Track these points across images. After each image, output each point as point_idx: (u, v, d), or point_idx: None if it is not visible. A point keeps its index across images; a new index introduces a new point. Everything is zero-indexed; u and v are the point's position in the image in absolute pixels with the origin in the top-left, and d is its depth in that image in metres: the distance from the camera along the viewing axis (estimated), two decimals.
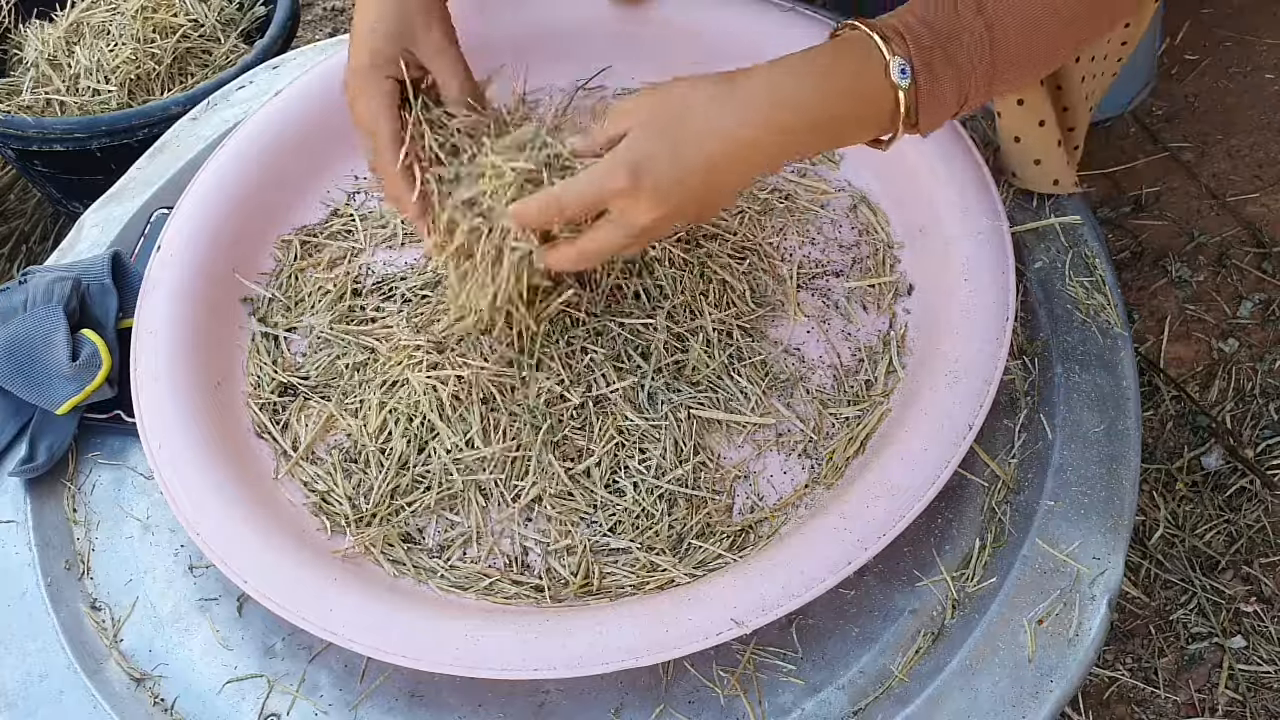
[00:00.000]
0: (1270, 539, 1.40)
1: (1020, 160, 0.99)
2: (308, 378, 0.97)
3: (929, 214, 0.97)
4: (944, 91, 0.77)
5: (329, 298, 1.01)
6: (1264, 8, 1.92)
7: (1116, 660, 1.34)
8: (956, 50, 0.76)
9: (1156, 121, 1.81)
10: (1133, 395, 0.90)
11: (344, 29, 2.31)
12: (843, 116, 0.78)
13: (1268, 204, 1.69)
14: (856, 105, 0.77)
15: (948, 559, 0.85)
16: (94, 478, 0.96)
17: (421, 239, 0.87)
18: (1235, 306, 1.60)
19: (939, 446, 0.82)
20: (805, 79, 0.76)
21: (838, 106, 0.77)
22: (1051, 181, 1.00)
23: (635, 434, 0.90)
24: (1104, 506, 0.85)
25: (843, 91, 0.77)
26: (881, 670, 0.81)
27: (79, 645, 0.86)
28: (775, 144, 0.77)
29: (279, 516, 0.88)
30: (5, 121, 1.58)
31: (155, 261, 0.99)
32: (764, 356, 0.94)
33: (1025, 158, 0.99)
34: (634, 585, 0.84)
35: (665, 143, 0.75)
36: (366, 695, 0.83)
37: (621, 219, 0.78)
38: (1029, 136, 0.97)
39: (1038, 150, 0.98)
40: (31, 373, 0.96)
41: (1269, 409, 1.50)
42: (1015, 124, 0.97)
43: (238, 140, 1.06)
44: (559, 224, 0.80)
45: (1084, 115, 0.99)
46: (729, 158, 0.76)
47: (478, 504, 0.89)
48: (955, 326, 0.88)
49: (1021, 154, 0.99)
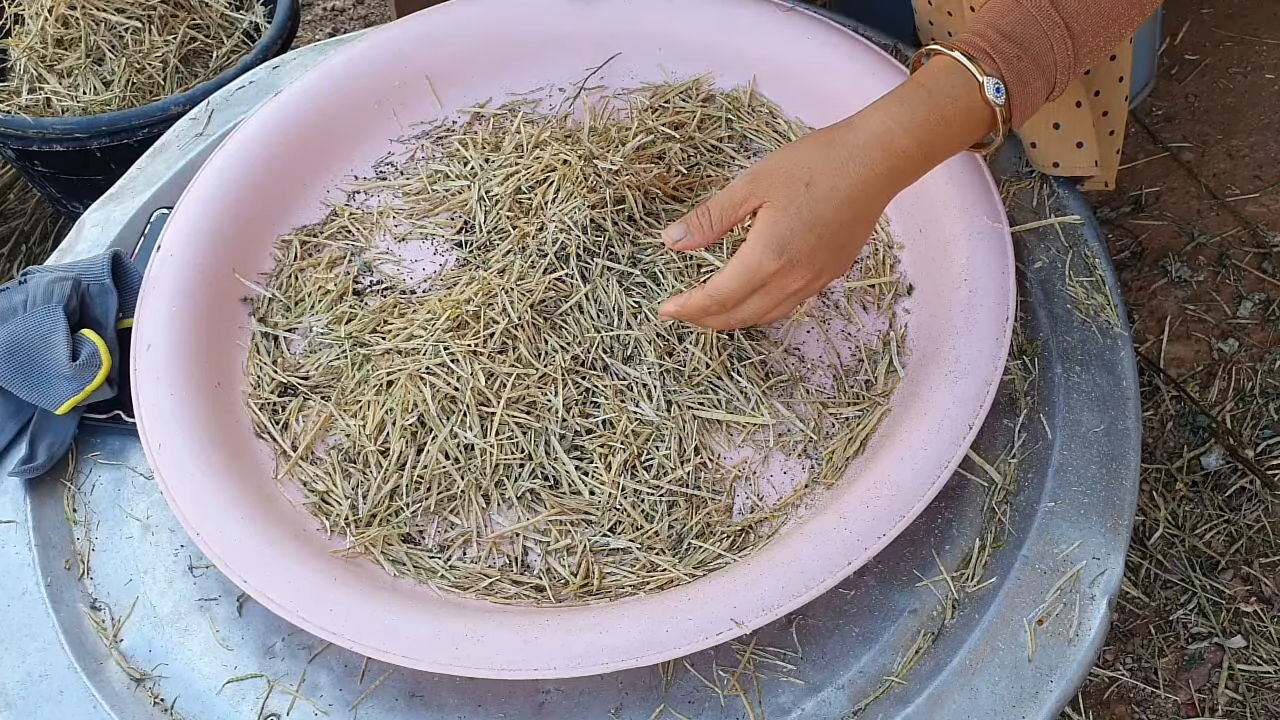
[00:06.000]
0: (1270, 539, 1.40)
1: (1063, 147, 1.00)
2: (307, 378, 0.97)
3: (929, 214, 0.97)
4: (1035, 93, 0.81)
5: (329, 298, 1.01)
6: (1264, 8, 1.92)
7: (1116, 660, 1.34)
8: (1042, 54, 0.80)
9: (1156, 121, 1.81)
10: (1133, 395, 0.90)
11: (344, 29, 2.31)
12: (948, 139, 0.82)
13: (1268, 204, 1.69)
14: (959, 127, 0.81)
15: (948, 559, 0.85)
16: (94, 478, 0.96)
17: (426, 234, 0.87)
18: (1235, 306, 1.60)
19: (939, 446, 0.82)
20: (909, 117, 0.80)
21: (943, 135, 0.81)
22: (1093, 162, 1.00)
23: (641, 435, 0.89)
24: (1104, 506, 0.85)
25: (945, 120, 0.81)
26: (881, 670, 0.81)
27: (79, 645, 0.86)
28: (895, 178, 0.82)
29: (279, 516, 0.88)
30: (5, 121, 1.58)
31: (155, 261, 0.99)
32: (764, 356, 0.94)
33: (1068, 142, 0.99)
34: (634, 585, 0.84)
35: (801, 217, 0.79)
36: (366, 695, 0.83)
37: (773, 288, 0.82)
38: (1067, 119, 0.98)
39: (1079, 132, 0.99)
40: (31, 373, 0.96)
41: (1269, 409, 1.50)
42: (1053, 111, 0.98)
43: (238, 140, 1.06)
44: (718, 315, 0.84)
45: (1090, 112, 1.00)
46: (857, 212, 0.81)
47: (478, 504, 0.89)
48: (955, 326, 0.88)
49: (1064, 139, 0.99)
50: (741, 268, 0.81)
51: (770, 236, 0.79)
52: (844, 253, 0.83)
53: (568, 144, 1.04)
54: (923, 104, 0.80)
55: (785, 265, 0.80)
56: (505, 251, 0.98)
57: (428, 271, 1.03)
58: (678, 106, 1.09)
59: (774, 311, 0.84)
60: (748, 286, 0.81)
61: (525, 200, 1.01)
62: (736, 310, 0.83)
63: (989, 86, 0.79)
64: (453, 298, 0.96)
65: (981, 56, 0.80)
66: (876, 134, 0.80)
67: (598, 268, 0.95)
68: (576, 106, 1.12)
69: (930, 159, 0.82)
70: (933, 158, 0.82)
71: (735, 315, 0.84)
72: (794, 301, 0.84)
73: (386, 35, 1.13)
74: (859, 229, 0.83)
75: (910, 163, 0.81)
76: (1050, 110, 0.98)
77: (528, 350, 0.92)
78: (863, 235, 0.84)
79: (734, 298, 0.82)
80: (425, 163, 1.10)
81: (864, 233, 0.84)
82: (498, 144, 1.08)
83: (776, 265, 0.80)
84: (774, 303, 0.83)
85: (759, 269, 0.80)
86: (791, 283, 0.81)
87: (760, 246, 0.80)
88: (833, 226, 0.80)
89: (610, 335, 0.93)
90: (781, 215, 0.79)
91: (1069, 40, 0.80)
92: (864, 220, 0.82)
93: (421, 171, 1.09)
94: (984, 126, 0.82)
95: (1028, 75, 0.80)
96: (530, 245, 0.97)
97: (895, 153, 0.80)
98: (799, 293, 0.83)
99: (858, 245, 0.85)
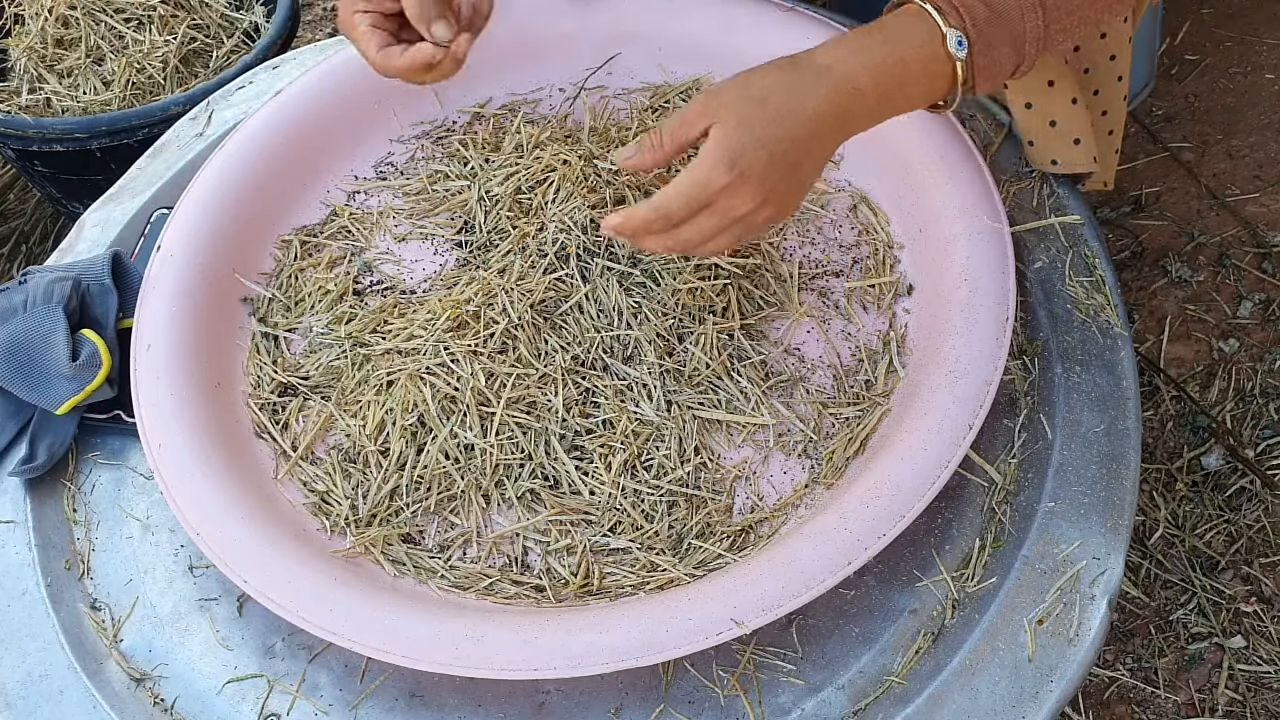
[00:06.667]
0: (1270, 539, 1.40)
1: (1060, 144, 1.00)
2: (307, 378, 0.97)
3: (929, 214, 0.97)
4: (1000, 58, 0.81)
5: (329, 298, 1.01)
6: (1264, 8, 1.92)
7: (1116, 660, 1.34)
8: (1012, 20, 0.80)
9: (1156, 121, 1.81)
10: (1133, 395, 0.90)
11: None
12: (905, 85, 0.81)
13: (1268, 204, 1.69)
14: (917, 75, 0.80)
15: (948, 559, 0.85)
16: (94, 478, 0.96)
17: (426, 234, 0.87)
18: (1235, 306, 1.60)
19: (939, 446, 0.82)
20: (868, 53, 0.80)
21: (900, 76, 0.80)
22: (1091, 159, 1.00)
23: (641, 435, 0.90)
24: (1104, 506, 0.85)
25: (904, 62, 0.80)
26: (881, 670, 0.81)
27: (79, 645, 0.86)
28: (848, 117, 0.81)
29: (279, 516, 0.88)
30: (5, 121, 1.58)
31: (155, 261, 0.99)
32: (764, 356, 0.94)
33: (1065, 139, 0.99)
34: (634, 585, 0.84)
35: (753, 133, 0.78)
36: (366, 695, 0.83)
37: (720, 208, 0.79)
38: (1064, 116, 0.98)
39: (1076, 129, 0.98)
40: (31, 373, 0.96)
41: (1269, 409, 1.50)
42: (1050, 108, 0.98)
43: (238, 140, 1.06)
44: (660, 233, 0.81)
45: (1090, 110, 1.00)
46: (810, 140, 0.79)
47: (478, 504, 0.89)
48: (955, 326, 0.88)
49: (1061, 136, 0.99)
50: (689, 181, 0.78)
51: (721, 150, 0.77)
52: (792, 182, 0.81)
53: (568, 144, 1.04)
54: (883, 45, 0.80)
55: (735, 180, 0.77)
56: (505, 251, 0.98)
57: (428, 271, 1.03)
58: (678, 106, 1.09)
59: (718, 240, 0.81)
60: (694, 203, 0.79)
61: (525, 200, 1.01)
62: (680, 230, 0.80)
63: (952, 39, 0.79)
64: (453, 298, 0.96)
65: (949, 10, 0.80)
66: (833, 66, 0.79)
67: (598, 268, 0.95)
68: (576, 106, 1.12)
69: (885, 103, 0.81)
70: (888, 102, 0.81)
71: (678, 235, 0.81)
72: (739, 231, 0.81)
73: None
74: (810, 160, 0.81)
75: (864, 102, 0.80)
76: (1047, 108, 0.98)
77: (528, 350, 0.92)
78: (812, 171, 0.82)
79: (679, 214, 0.79)
80: (425, 163, 1.10)
81: (814, 168, 0.82)
82: (498, 144, 1.08)
83: (727, 179, 0.77)
84: (719, 226, 0.80)
85: (708, 183, 0.78)
86: (739, 204, 0.79)
87: (710, 160, 0.78)
88: (785, 145, 0.78)
89: (610, 335, 0.93)
90: (733, 130, 0.78)
91: (1040, 11, 0.80)
92: (816, 152, 0.81)
93: (421, 171, 1.09)
94: (944, 82, 0.81)
95: (994, 39, 0.80)
96: (530, 245, 0.97)
97: (850, 88, 0.79)
98: (745, 219, 0.80)
99: (807, 179, 0.83)
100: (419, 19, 0.87)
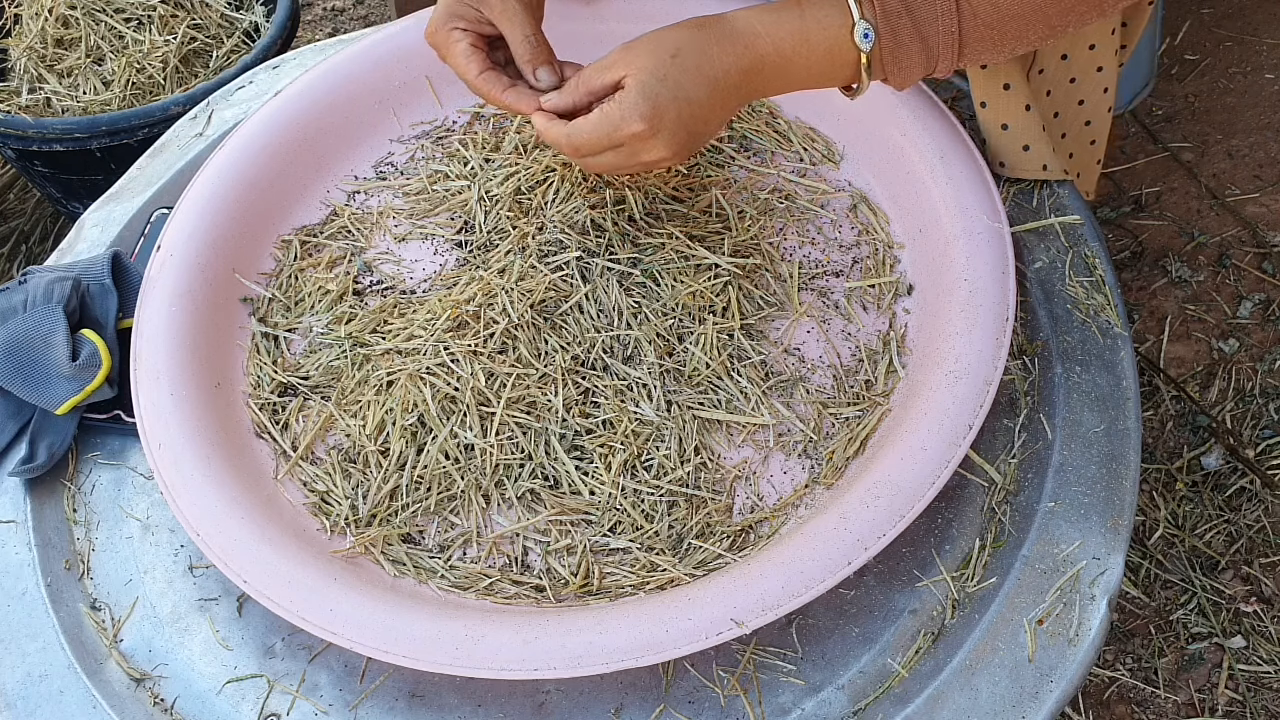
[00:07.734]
0: (1270, 539, 1.40)
1: (1009, 148, 1.01)
2: (307, 378, 0.97)
3: (929, 214, 0.97)
4: (909, 56, 0.82)
5: (329, 298, 1.01)
6: (1264, 8, 1.92)
7: (1116, 660, 1.34)
8: (926, 20, 0.81)
9: (1156, 121, 1.81)
10: (1133, 395, 0.90)
11: (344, 29, 2.31)
12: (808, 63, 0.83)
13: (1268, 204, 1.69)
14: (820, 56, 0.83)
15: (948, 559, 0.85)
16: (94, 478, 0.96)
17: (426, 234, 0.87)
18: (1235, 306, 1.60)
19: (939, 446, 0.83)
20: (778, 26, 0.82)
21: (804, 54, 0.83)
22: (1040, 167, 1.00)
23: (641, 435, 0.90)
24: (1104, 506, 0.85)
25: (809, 41, 0.82)
26: (881, 670, 0.81)
27: (79, 645, 0.86)
28: (750, 82, 0.83)
29: (279, 516, 0.88)
30: (5, 121, 1.58)
31: (155, 261, 0.99)
32: (764, 356, 0.94)
33: (1014, 144, 1.00)
34: (634, 585, 0.84)
35: (668, 85, 0.81)
36: (366, 695, 0.83)
37: (628, 150, 0.83)
38: (1016, 122, 0.99)
39: (1025, 136, 1.00)
40: (31, 373, 0.96)
41: (1269, 409, 1.50)
42: (1002, 111, 0.99)
43: (238, 140, 1.07)
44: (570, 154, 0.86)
45: (1077, 116, 1.00)
46: (715, 98, 0.83)
47: (478, 504, 0.89)
48: (955, 326, 0.88)
49: (1010, 141, 1.00)
50: (605, 122, 0.82)
51: (639, 100, 0.81)
52: (695, 138, 0.84)
53: None
54: (791, 20, 0.82)
55: (647, 130, 0.81)
56: (505, 251, 0.98)
57: (428, 271, 1.03)
58: None
59: (615, 171, 0.88)
60: (604, 142, 0.83)
61: (525, 200, 1.01)
62: (585, 157, 0.85)
63: (859, 29, 0.81)
64: (453, 298, 0.96)
65: (867, 2, 0.81)
66: (741, 30, 0.82)
67: (598, 268, 0.95)
68: None
69: (787, 75, 0.84)
70: (789, 75, 0.84)
71: (585, 161, 0.86)
72: (635, 168, 0.86)
73: (387, 35, 1.13)
74: (714, 117, 0.84)
75: (766, 71, 0.83)
76: (1000, 109, 0.99)
77: (528, 350, 0.92)
78: (716, 127, 0.86)
79: (588, 149, 0.84)
80: (425, 163, 1.10)
81: (717, 125, 0.86)
82: (498, 144, 1.08)
83: (640, 128, 0.81)
84: (620, 163, 0.85)
85: (620, 128, 0.82)
86: (645, 150, 0.83)
87: (628, 108, 0.81)
88: (694, 105, 0.82)
89: (610, 335, 0.93)
90: (650, 80, 0.81)
91: (955, 17, 0.81)
92: (719, 110, 0.84)
93: (421, 171, 1.09)
94: (848, 69, 0.83)
95: (904, 35, 0.81)
96: (530, 245, 0.97)
97: (754, 54, 0.82)
98: (648, 164, 0.85)
99: (709, 134, 0.86)
100: (527, 62, 0.89)
